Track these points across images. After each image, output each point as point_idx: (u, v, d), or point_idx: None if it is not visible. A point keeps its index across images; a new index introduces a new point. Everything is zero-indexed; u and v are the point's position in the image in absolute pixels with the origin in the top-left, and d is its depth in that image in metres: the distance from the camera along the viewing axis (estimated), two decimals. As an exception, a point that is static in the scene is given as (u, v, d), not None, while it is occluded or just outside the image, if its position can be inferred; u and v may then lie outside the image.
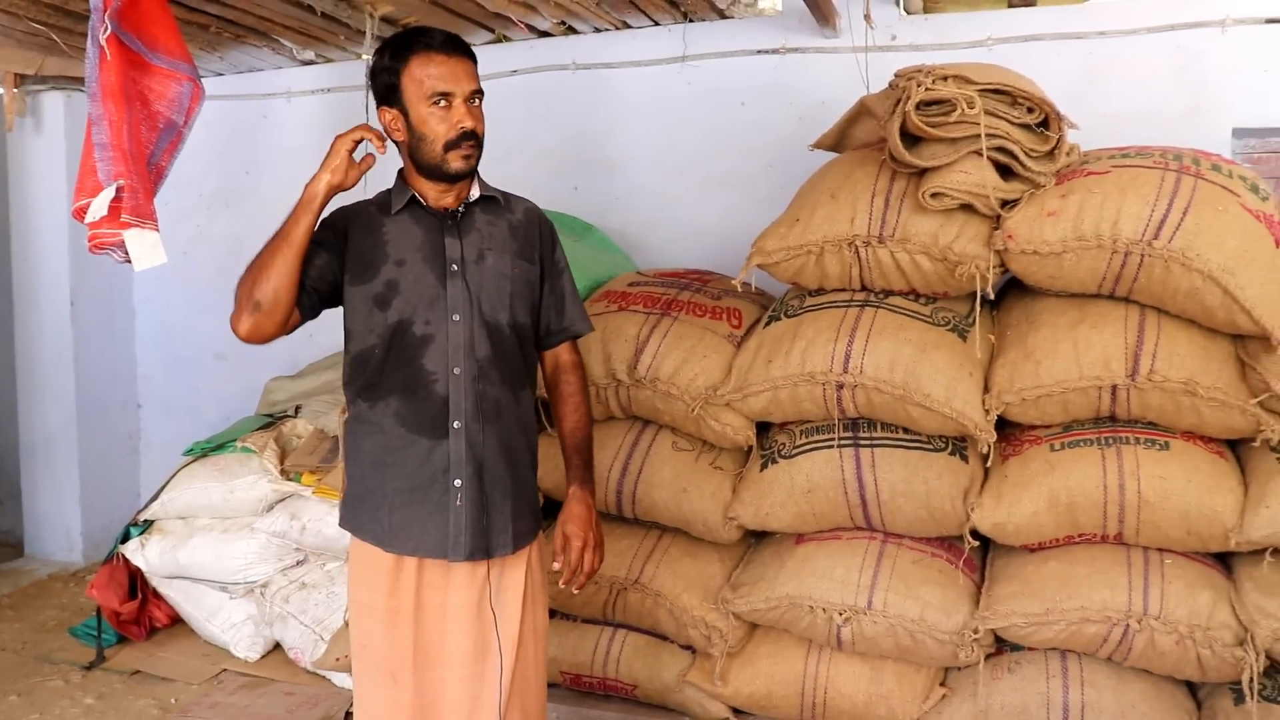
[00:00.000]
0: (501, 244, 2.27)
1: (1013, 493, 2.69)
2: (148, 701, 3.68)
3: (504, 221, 2.31)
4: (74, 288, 5.13)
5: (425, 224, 2.24)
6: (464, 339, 2.18)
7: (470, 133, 2.17)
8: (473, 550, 2.17)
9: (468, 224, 2.26)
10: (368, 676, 2.24)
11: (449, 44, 2.20)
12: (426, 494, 2.17)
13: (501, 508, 2.21)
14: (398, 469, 2.18)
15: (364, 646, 2.24)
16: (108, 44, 2.86)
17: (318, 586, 3.87)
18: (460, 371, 2.17)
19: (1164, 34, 3.65)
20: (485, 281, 2.22)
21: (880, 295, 2.97)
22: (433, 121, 2.17)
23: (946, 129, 2.72)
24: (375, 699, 2.22)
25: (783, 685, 2.90)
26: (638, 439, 3.18)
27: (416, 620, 2.19)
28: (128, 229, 2.89)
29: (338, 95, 4.86)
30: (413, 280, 2.19)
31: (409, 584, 2.19)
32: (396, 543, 2.18)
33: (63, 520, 5.24)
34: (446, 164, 2.18)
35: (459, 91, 2.17)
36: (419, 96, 2.18)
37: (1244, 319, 2.52)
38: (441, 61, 2.17)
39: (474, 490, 2.18)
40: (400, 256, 2.20)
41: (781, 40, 4.13)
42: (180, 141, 3.20)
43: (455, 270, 2.20)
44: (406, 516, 2.18)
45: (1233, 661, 2.48)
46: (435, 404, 2.17)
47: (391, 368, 2.19)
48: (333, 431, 4.07)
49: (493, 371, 2.21)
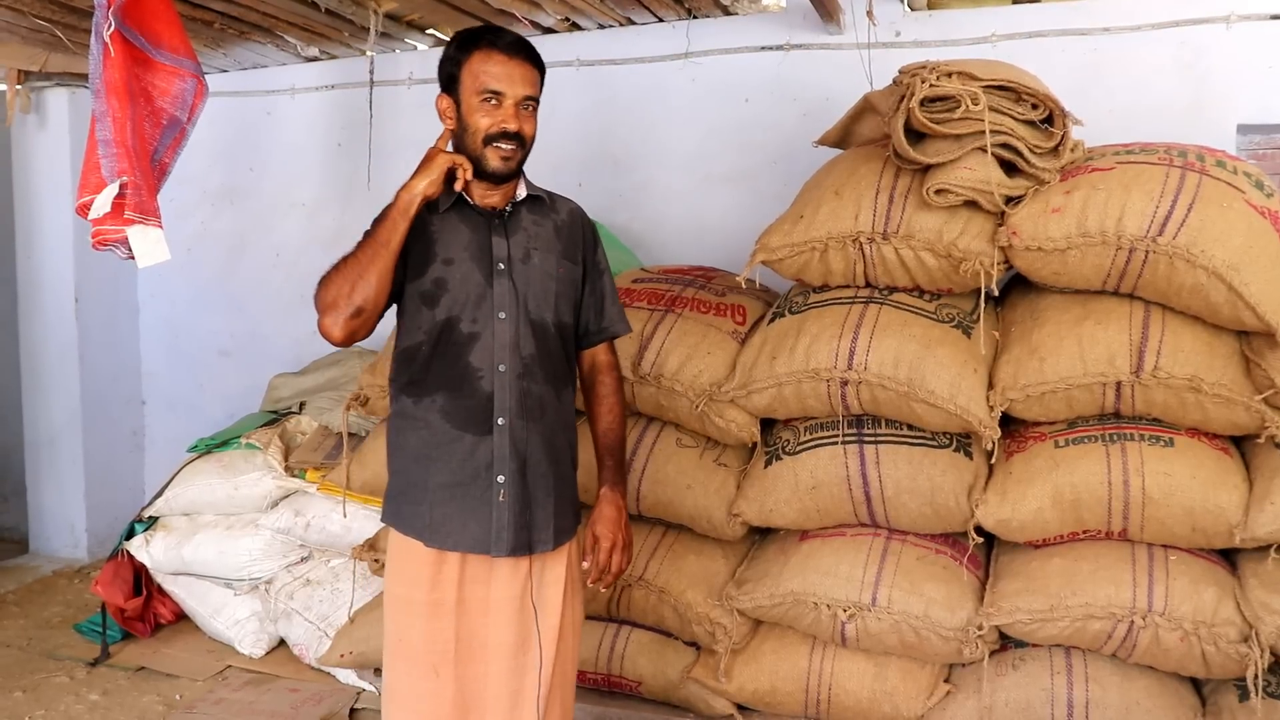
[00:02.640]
0: (547, 244, 2.30)
1: (1017, 489, 2.69)
2: (153, 698, 3.69)
3: (549, 221, 2.34)
4: (78, 284, 5.14)
5: (472, 223, 2.26)
6: (509, 337, 2.21)
7: (513, 134, 2.19)
8: (515, 546, 2.20)
9: (514, 223, 2.28)
10: (404, 671, 2.25)
11: (514, 46, 2.23)
12: (469, 489, 2.20)
13: (544, 504, 2.25)
14: (441, 464, 2.21)
15: (400, 641, 2.26)
16: (112, 40, 2.86)
17: (322, 583, 3.88)
18: (505, 369, 2.21)
19: (1168, 30, 3.65)
20: (531, 280, 2.25)
21: (884, 292, 2.97)
22: (478, 115, 2.20)
23: (951, 125, 2.72)
24: (415, 693, 2.23)
25: (787, 682, 2.90)
26: (642, 435, 3.18)
27: (459, 613, 2.22)
28: (131, 225, 2.89)
29: (342, 92, 4.87)
30: (460, 278, 2.21)
31: (451, 577, 2.21)
32: (438, 538, 2.21)
33: (67, 517, 5.26)
34: (485, 160, 2.20)
35: (510, 93, 2.19)
36: (472, 89, 2.20)
37: (1249, 315, 2.51)
38: (501, 61, 2.20)
39: (517, 486, 2.21)
40: (448, 255, 2.23)
41: (785, 37, 4.12)
42: (184, 138, 3.20)
43: (502, 269, 2.23)
44: (449, 511, 2.21)
45: (1237, 658, 2.48)
46: (480, 400, 2.20)
47: (438, 364, 2.22)
48: (337, 428, 4.08)
49: (537, 369, 2.24)
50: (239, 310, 5.22)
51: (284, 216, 5.10)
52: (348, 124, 4.86)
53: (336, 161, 4.93)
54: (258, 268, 5.17)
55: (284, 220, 5.10)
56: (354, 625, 3.37)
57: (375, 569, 3.33)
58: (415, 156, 2.11)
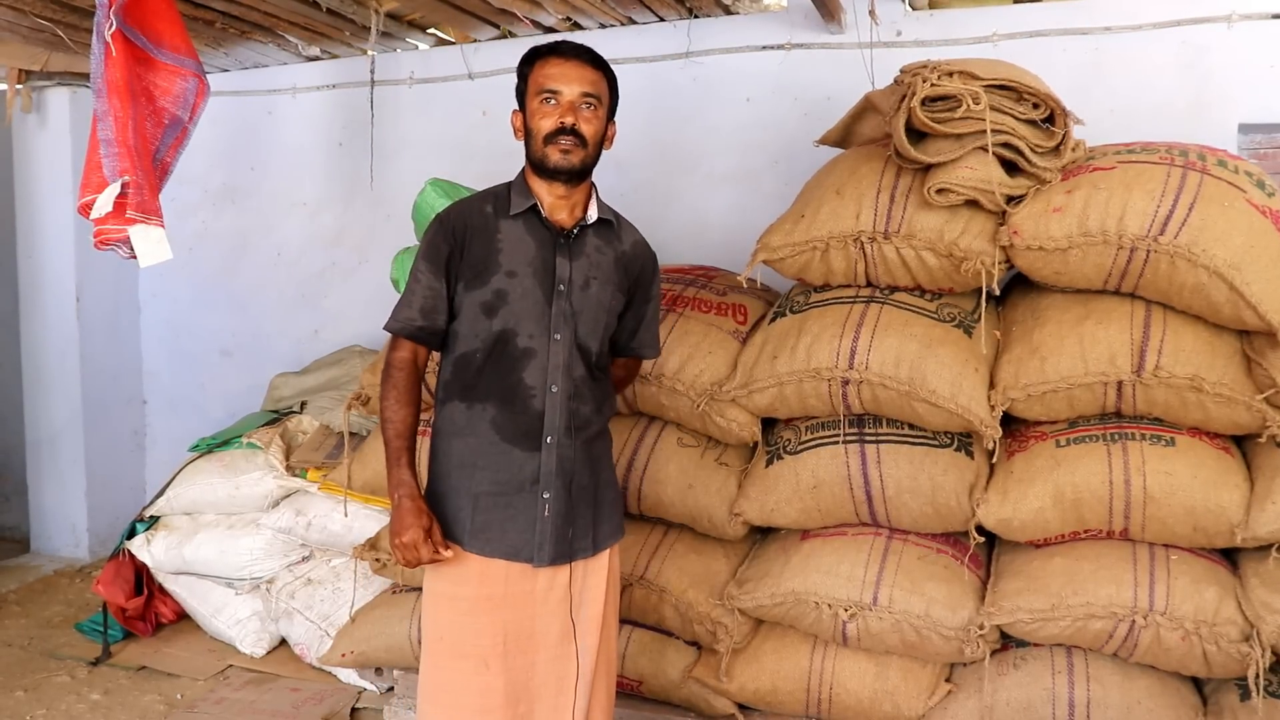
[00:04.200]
0: (606, 274, 2.34)
1: (1018, 489, 2.69)
2: (154, 697, 3.69)
3: (612, 250, 2.37)
4: (80, 284, 5.14)
5: (539, 237, 2.28)
6: (564, 358, 2.26)
7: (570, 129, 2.21)
8: (555, 557, 2.27)
9: (579, 247, 2.31)
10: (449, 666, 2.28)
11: (573, 49, 2.27)
12: (513, 501, 2.25)
13: (585, 515, 2.32)
14: (488, 474, 2.26)
15: (439, 639, 2.29)
16: (113, 40, 2.87)
17: (323, 582, 3.88)
18: (558, 390, 2.26)
19: (1169, 29, 3.64)
20: (586, 308, 2.29)
21: (885, 291, 2.97)
22: (538, 116, 2.24)
23: (952, 125, 2.72)
24: (464, 687, 2.26)
25: (788, 681, 2.90)
26: (643, 435, 3.18)
27: (507, 607, 2.26)
28: (133, 225, 2.90)
29: (343, 91, 4.87)
30: (521, 293, 2.24)
31: (498, 574, 2.25)
32: (478, 543, 2.25)
33: (68, 516, 5.26)
34: (546, 158, 2.23)
35: (567, 91, 2.22)
36: (533, 93, 2.25)
37: (1250, 314, 2.51)
38: (558, 63, 2.24)
39: (561, 503, 2.27)
40: (512, 268, 2.25)
41: (786, 36, 4.12)
42: (185, 137, 3.21)
43: (562, 290, 2.27)
44: (490, 519, 2.25)
45: (1238, 657, 2.48)
46: (531, 418, 2.25)
47: (491, 375, 2.26)
48: (338, 427, 4.08)
49: (585, 392, 2.31)
50: (240, 310, 5.23)
51: (285, 216, 5.10)
52: (349, 123, 4.86)
53: (338, 161, 4.93)
54: (259, 267, 5.17)
55: (285, 219, 5.10)
56: (355, 625, 3.37)
57: (376, 568, 3.33)
58: (416, 156, 2.12)
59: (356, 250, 4.91)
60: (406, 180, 4.41)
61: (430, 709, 2.30)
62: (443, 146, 4.61)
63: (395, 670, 3.37)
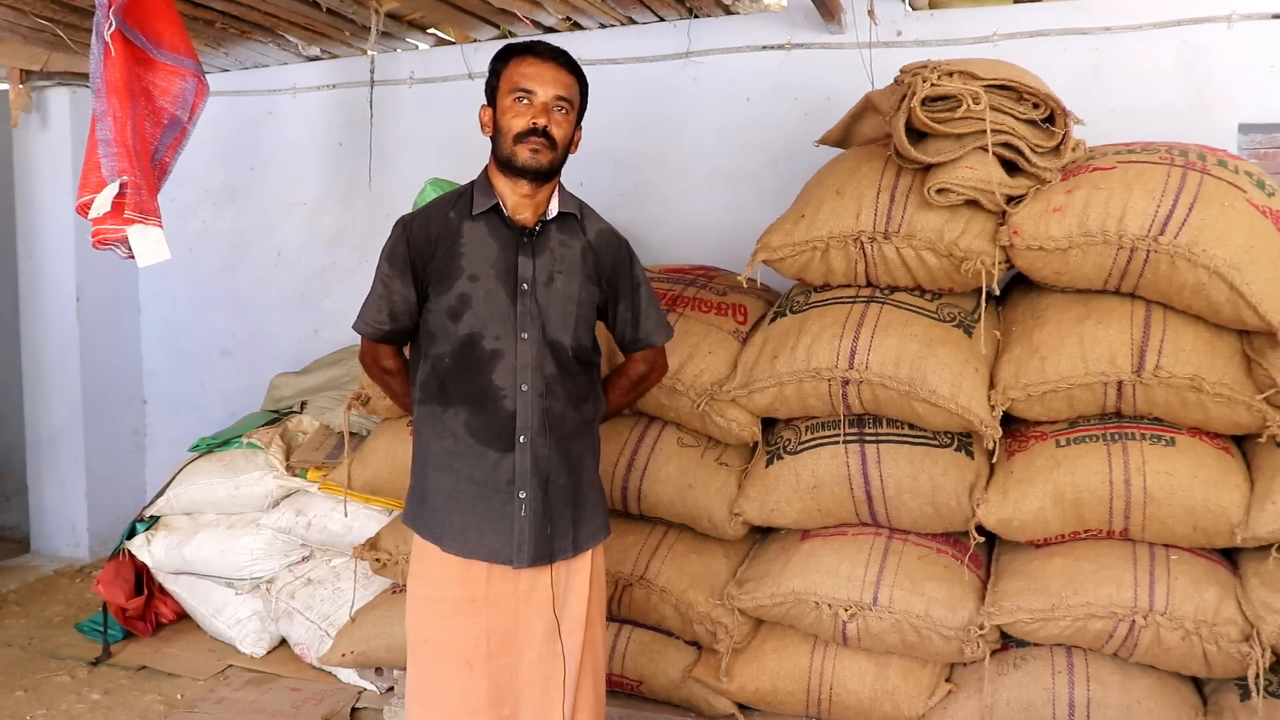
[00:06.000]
0: (571, 267, 2.33)
1: (1018, 489, 2.69)
2: (154, 697, 3.69)
3: (577, 243, 2.36)
4: (80, 284, 5.15)
5: (501, 238, 2.28)
6: (532, 357, 2.25)
7: (542, 130, 2.21)
8: (535, 558, 2.26)
9: (542, 244, 2.31)
10: (432, 668, 2.28)
11: (549, 51, 2.27)
12: (490, 502, 2.25)
13: (564, 515, 2.31)
14: (463, 475, 2.26)
15: (424, 640, 2.30)
16: (112, 40, 2.86)
17: (323, 582, 3.88)
18: (528, 388, 2.25)
19: (1170, 29, 3.65)
20: (552, 303, 2.29)
21: (886, 291, 2.96)
22: (510, 115, 2.23)
23: (952, 125, 2.72)
24: (447, 689, 2.26)
25: (788, 681, 2.90)
26: (643, 435, 3.18)
27: (488, 608, 2.26)
28: (131, 225, 2.90)
29: (343, 91, 4.87)
30: (484, 296, 2.24)
31: (479, 576, 2.25)
32: (456, 544, 2.25)
33: (68, 516, 5.26)
34: (515, 156, 2.22)
35: (541, 92, 2.22)
36: (505, 91, 2.25)
37: (1250, 314, 2.51)
38: (534, 64, 2.24)
39: (538, 502, 2.26)
40: (474, 271, 2.25)
41: (786, 36, 4.12)
42: (185, 137, 3.20)
43: (525, 289, 2.26)
44: (467, 520, 2.25)
45: (1238, 657, 2.48)
46: (503, 418, 2.25)
47: (461, 378, 2.26)
48: (338, 427, 4.08)
49: (558, 389, 2.29)
50: (240, 309, 5.23)
51: (285, 216, 5.10)
52: (349, 123, 4.86)
53: (338, 161, 4.93)
54: (259, 267, 5.18)
55: (285, 219, 5.10)
56: (355, 624, 3.37)
57: (376, 568, 3.33)
58: (415, 156, 2.13)
59: (356, 250, 4.91)
60: (406, 180, 4.41)
61: (417, 710, 2.31)
62: (443, 146, 4.60)
63: (395, 670, 3.37)
